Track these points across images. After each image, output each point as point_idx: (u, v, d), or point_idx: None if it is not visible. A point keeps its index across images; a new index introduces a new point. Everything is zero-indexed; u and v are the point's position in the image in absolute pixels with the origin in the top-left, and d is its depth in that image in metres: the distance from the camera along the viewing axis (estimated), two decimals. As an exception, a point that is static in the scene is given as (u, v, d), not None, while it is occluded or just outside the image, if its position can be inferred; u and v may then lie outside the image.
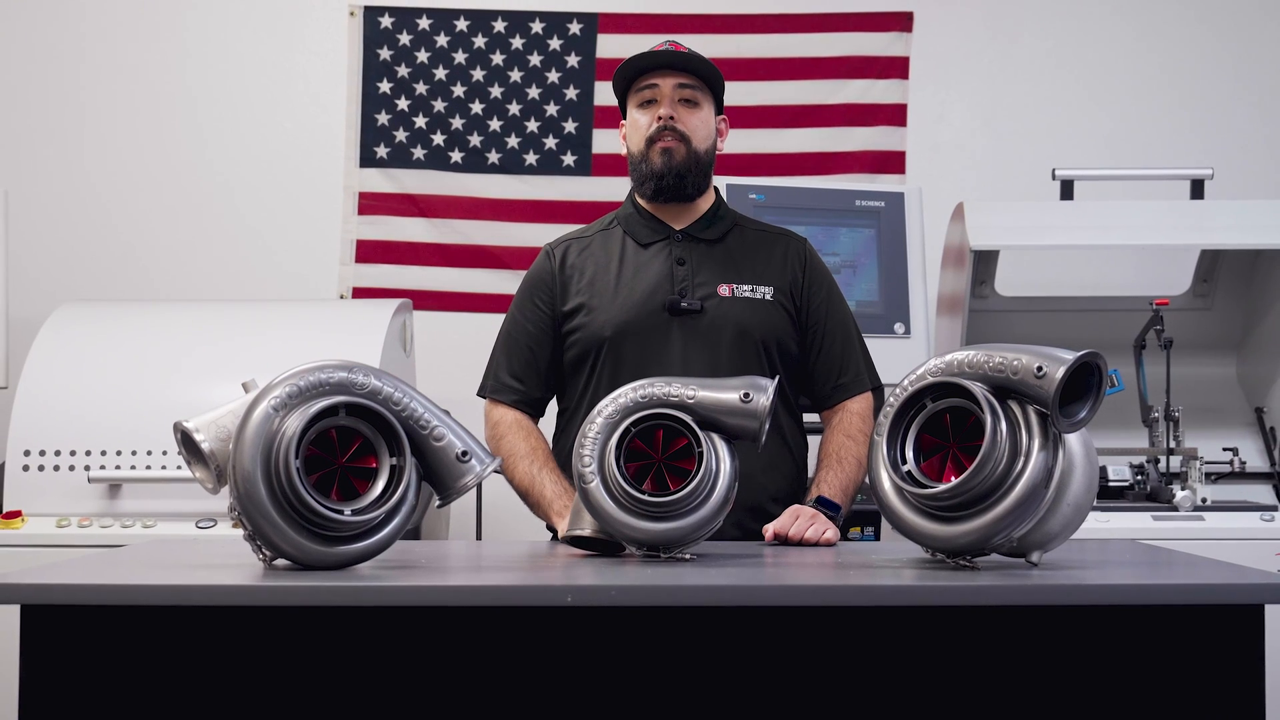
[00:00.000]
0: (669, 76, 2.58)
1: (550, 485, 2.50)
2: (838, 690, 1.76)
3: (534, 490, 2.52)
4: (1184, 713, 1.75)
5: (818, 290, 2.66)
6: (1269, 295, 3.99)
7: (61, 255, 4.59)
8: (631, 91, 2.62)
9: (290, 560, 1.85)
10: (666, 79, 2.58)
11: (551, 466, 2.54)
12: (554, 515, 2.48)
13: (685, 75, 2.58)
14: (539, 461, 2.54)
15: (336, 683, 1.74)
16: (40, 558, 3.07)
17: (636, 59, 2.59)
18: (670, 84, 2.58)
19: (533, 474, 2.53)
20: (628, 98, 2.63)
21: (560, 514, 2.45)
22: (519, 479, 2.54)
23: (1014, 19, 4.74)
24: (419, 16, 4.69)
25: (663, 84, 2.58)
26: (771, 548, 2.32)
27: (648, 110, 2.59)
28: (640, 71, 2.60)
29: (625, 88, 2.64)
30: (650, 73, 2.59)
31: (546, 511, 2.50)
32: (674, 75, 2.58)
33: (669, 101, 2.57)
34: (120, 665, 1.73)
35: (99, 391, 3.48)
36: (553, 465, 2.55)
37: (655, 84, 2.58)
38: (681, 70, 2.58)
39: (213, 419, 1.95)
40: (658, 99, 2.58)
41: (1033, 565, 1.92)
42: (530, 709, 1.75)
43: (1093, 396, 1.87)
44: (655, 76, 2.58)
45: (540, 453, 2.57)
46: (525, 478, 2.54)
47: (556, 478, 2.52)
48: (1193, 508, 3.54)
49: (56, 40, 4.68)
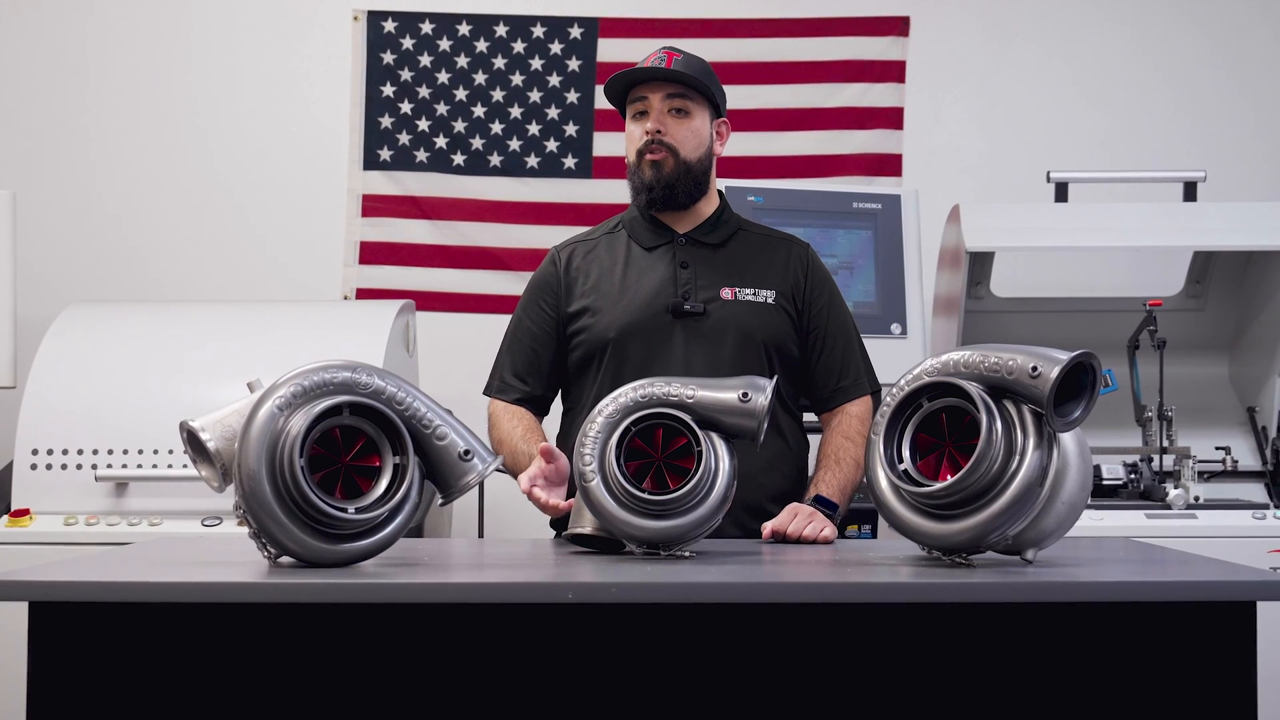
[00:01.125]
0: (658, 88, 2.58)
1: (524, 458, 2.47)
2: (836, 686, 1.76)
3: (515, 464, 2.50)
4: (1177, 708, 1.75)
5: (819, 295, 2.66)
6: (1261, 296, 3.99)
7: (69, 257, 4.60)
8: (627, 102, 2.63)
9: (295, 558, 1.85)
10: (655, 91, 2.58)
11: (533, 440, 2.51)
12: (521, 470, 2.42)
13: (674, 85, 2.58)
14: (518, 435, 2.54)
15: (341, 679, 1.74)
16: (48, 555, 3.07)
17: (624, 74, 2.60)
18: (659, 96, 2.57)
19: (514, 448, 2.52)
20: (625, 108, 2.64)
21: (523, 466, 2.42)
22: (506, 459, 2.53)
23: (1009, 24, 4.75)
24: (422, 21, 4.70)
25: (652, 96, 2.58)
26: (770, 545, 2.32)
27: (640, 122, 2.60)
28: (631, 84, 2.60)
29: (621, 98, 2.64)
30: (641, 85, 2.59)
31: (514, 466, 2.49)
32: (663, 86, 2.58)
33: (657, 114, 2.57)
34: (127, 661, 1.73)
35: (106, 391, 3.48)
36: (535, 438, 2.52)
37: (645, 96, 2.58)
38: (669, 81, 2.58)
39: (218, 418, 1.95)
40: (648, 111, 2.58)
41: (1027, 563, 1.92)
42: (532, 705, 1.75)
43: (1087, 396, 1.87)
44: (644, 89, 2.59)
45: (521, 428, 2.56)
46: (509, 456, 2.53)
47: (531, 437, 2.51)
48: (1186, 506, 3.54)
49: (64, 45, 4.68)
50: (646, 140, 2.57)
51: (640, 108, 2.60)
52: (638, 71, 2.58)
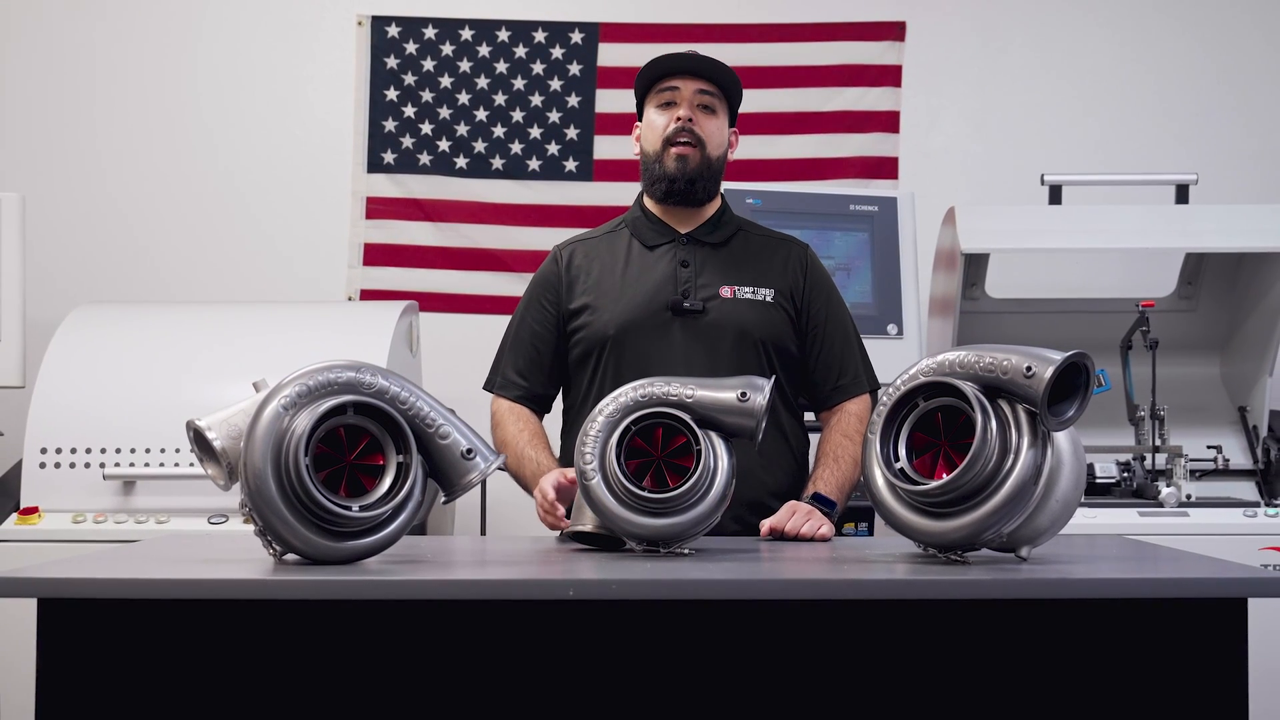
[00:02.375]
0: (690, 81, 2.58)
1: (530, 462, 2.51)
2: (832, 681, 1.76)
3: (519, 468, 2.53)
4: (1170, 703, 1.75)
5: (818, 295, 2.66)
6: (1252, 297, 3.99)
7: (78, 259, 4.59)
8: (651, 93, 2.61)
9: (300, 555, 1.85)
10: (688, 83, 2.58)
11: (538, 444, 2.55)
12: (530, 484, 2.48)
13: (706, 82, 2.58)
14: (524, 440, 2.55)
15: (345, 674, 1.74)
16: (56, 552, 3.07)
17: (661, 59, 2.59)
18: (691, 88, 2.58)
19: (520, 452, 2.54)
20: (647, 99, 2.63)
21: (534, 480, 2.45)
22: (509, 461, 2.54)
23: (1003, 29, 4.75)
24: (425, 26, 4.70)
25: (684, 87, 2.58)
26: (767, 543, 2.31)
27: (666, 111, 2.59)
28: (663, 74, 2.60)
29: (645, 90, 2.63)
30: (672, 75, 2.59)
31: (528, 485, 2.51)
32: (695, 80, 2.58)
33: (688, 104, 2.57)
34: (134, 657, 1.73)
35: (114, 391, 3.48)
36: (540, 444, 2.55)
37: (676, 86, 2.58)
38: (703, 77, 2.58)
39: (224, 417, 1.95)
40: (677, 100, 2.58)
41: (1022, 560, 1.92)
42: (534, 699, 1.75)
43: (1080, 396, 1.87)
44: (677, 80, 2.58)
45: (527, 433, 2.57)
46: (514, 459, 2.54)
47: (541, 455, 2.52)
48: (1178, 504, 3.54)
49: (73, 52, 4.68)
50: (675, 128, 2.56)
51: (669, 98, 2.58)
52: (678, 58, 2.58)
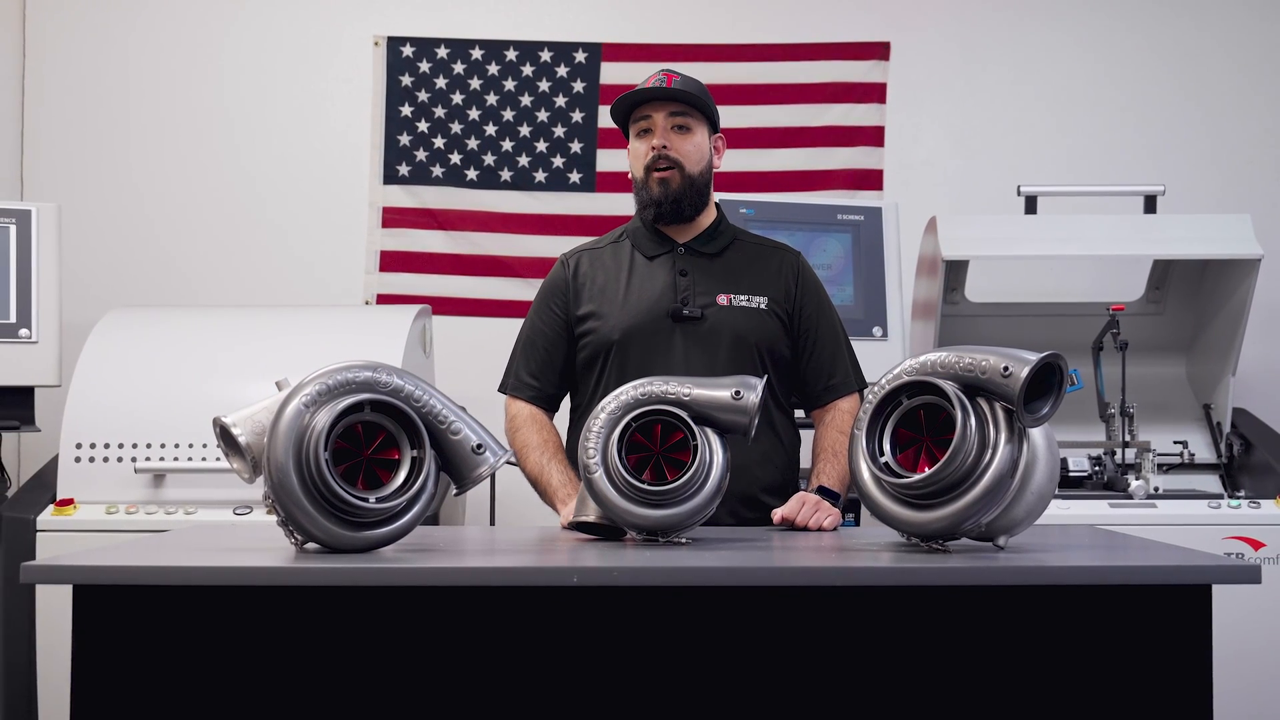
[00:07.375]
0: (660, 107, 2.58)
1: (557, 475, 2.51)
2: (820, 663, 1.76)
3: (542, 479, 2.53)
4: (1139, 685, 1.75)
5: (809, 300, 2.66)
6: (1216, 301, 3.99)
7: (110, 265, 4.60)
8: (630, 122, 2.63)
9: (320, 544, 1.85)
10: (659, 110, 2.58)
11: (560, 458, 2.55)
12: (559, 503, 2.48)
13: (675, 104, 2.58)
14: (549, 453, 2.55)
15: (361, 656, 1.74)
16: (90, 541, 3.07)
17: (630, 95, 2.60)
18: (662, 114, 2.57)
19: (542, 464, 2.54)
20: (629, 127, 2.64)
21: (564, 502, 2.46)
22: (530, 469, 2.55)
23: (982, 49, 4.75)
24: (438, 46, 4.70)
25: (656, 115, 2.58)
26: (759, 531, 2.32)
27: (644, 139, 2.60)
28: (636, 104, 2.60)
29: (625, 118, 2.64)
30: (644, 105, 2.59)
31: (552, 499, 2.51)
32: (665, 105, 2.58)
33: (662, 131, 2.57)
34: (165, 640, 1.73)
35: (144, 389, 3.48)
36: (561, 457, 2.55)
37: (649, 115, 2.58)
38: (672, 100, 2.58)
39: (249, 414, 1.95)
40: (652, 128, 2.58)
41: (999, 549, 1.92)
42: (539, 681, 1.75)
43: (1054, 394, 1.87)
44: (648, 108, 2.58)
45: (550, 445, 2.57)
46: (535, 468, 2.54)
47: (563, 468, 2.52)
48: (1146, 496, 3.54)
49: (107, 71, 4.69)
50: (653, 156, 2.57)
51: (645, 126, 2.59)
52: (641, 92, 2.58)
